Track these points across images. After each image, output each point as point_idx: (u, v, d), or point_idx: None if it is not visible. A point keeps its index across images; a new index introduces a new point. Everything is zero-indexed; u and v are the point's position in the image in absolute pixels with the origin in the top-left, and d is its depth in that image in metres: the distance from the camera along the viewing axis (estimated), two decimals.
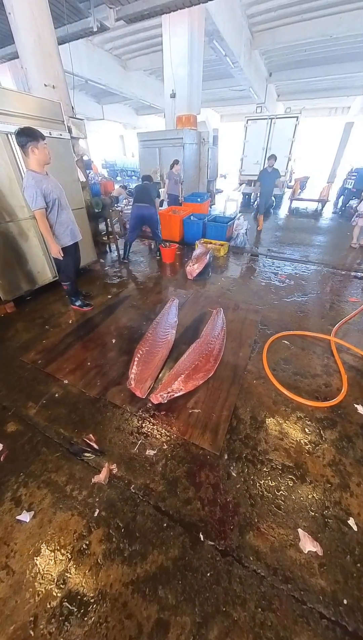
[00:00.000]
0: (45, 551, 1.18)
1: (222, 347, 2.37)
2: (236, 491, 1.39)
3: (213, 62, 9.07)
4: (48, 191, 2.19)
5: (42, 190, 2.14)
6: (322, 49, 8.57)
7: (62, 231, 2.43)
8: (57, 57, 3.58)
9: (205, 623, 0.99)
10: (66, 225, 2.43)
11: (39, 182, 2.13)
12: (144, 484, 1.42)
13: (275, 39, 7.93)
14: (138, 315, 2.95)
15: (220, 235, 5.01)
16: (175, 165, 5.86)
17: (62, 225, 2.41)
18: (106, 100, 14.55)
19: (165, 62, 6.53)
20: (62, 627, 0.99)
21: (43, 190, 2.15)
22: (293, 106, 14.16)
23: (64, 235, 2.45)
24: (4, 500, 1.36)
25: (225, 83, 11.50)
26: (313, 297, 3.36)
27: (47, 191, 2.18)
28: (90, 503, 1.34)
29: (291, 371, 2.18)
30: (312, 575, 1.11)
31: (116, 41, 8.65)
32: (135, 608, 1.03)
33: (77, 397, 1.95)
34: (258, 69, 10.17)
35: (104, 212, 4.38)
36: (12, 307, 3.02)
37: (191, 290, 3.53)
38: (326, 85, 12.60)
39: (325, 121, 19.16)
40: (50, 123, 2.93)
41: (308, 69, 10.55)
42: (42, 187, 2.14)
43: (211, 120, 9.81)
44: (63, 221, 2.40)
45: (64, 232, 2.44)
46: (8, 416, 1.81)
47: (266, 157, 8.15)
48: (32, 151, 2.08)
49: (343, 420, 1.77)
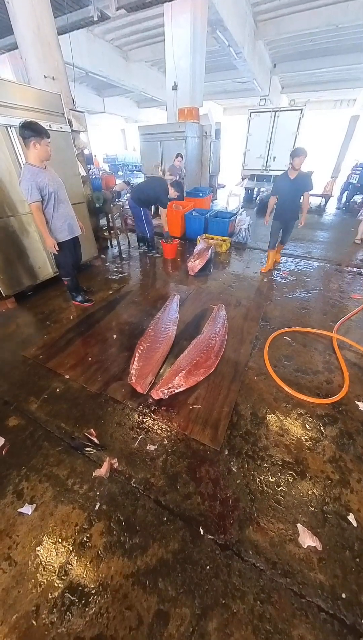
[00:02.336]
0: (46, 543, 1.20)
1: (223, 343, 2.36)
2: (236, 486, 1.39)
3: (215, 53, 8.87)
4: (44, 184, 2.17)
5: (38, 183, 2.13)
6: (328, 39, 8.35)
7: (60, 225, 2.41)
8: (57, 47, 3.51)
9: (204, 615, 1.01)
10: (63, 220, 2.41)
11: (34, 175, 2.12)
12: (144, 479, 1.42)
13: (280, 28, 7.73)
14: (138, 311, 2.94)
15: (222, 231, 4.97)
16: (178, 158, 5.77)
17: (60, 220, 2.39)
18: (107, 93, 14.32)
19: (167, 53, 6.39)
20: (64, 617, 1.00)
21: (38, 183, 2.13)
22: (298, 99, 13.87)
23: (61, 229, 2.43)
24: (6, 494, 1.38)
25: (228, 75, 11.26)
26: (316, 294, 3.33)
27: (43, 184, 2.16)
28: (91, 497, 1.35)
29: (293, 368, 2.17)
30: (311, 570, 1.12)
31: (117, 31, 8.47)
32: (135, 599, 1.04)
33: (78, 392, 1.95)
34: (262, 60, 9.95)
35: (105, 207, 4.35)
36: (13, 302, 3.02)
37: (192, 286, 3.51)
38: (331, 77, 12.31)
39: (329, 114, 18.79)
40: (50, 115, 2.89)
41: (313, 60, 10.30)
42: (38, 181, 2.13)
43: (213, 113, 9.64)
44: (60, 215, 2.38)
45: (61, 227, 2.42)
46: (10, 411, 1.82)
47: (269, 151, 8.05)
48: (34, 146, 2.07)
49: (344, 417, 1.77)
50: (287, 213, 3.45)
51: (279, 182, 3.33)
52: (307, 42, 8.60)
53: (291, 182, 3.21)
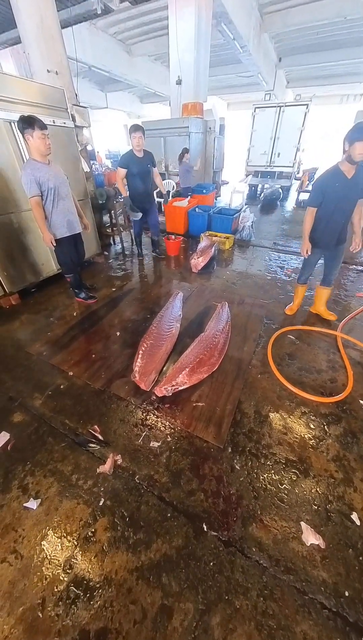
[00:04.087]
0: (52, 537, 1.21)
1: (227, 341, 2.36)
2: (239, 484, 1.40)
3: (220, 47, 8.75)
4: (44, 180, 2.17)
5: (37, 178, 2.13)
6: (335, 31, 8.19)
7: (58, 221, 2.40)
8: (60, 41, 3.48)
9: (208, 610, 1.01)
10: (63, 216, 2.40)
11: (35, 170, 2.13)
12: (148, 475, 1.43)
13: (286, 20, 7.59)
14: (142, 308, 2.94)
15: (226, 228, 4.93)
16: (185, 154, 5.69)
17: (59, 216, 2.38)
18: (110, 88, 14.20)
19: (171, 46, 6.30)
20: (69, 610, 1.02)
21: (38, 178, 2.14)
22: (303, 93, 13.65)
23: (60, 225, 2.42)
24: (11, 488, 1.39)
25: (233, 69, 11.11)
26: None
27: (43, 180, 2.17)
28: (95, 492, 1.36)
29: (297, 366, 2.16)
30: (314, 567, 1.12)
31: (121, 25, 8.36)
32: (139, 594, 1.05)
33: (82, 388, 1.96)
34: (268, 53, 9.79)
35: (108, 203, 4.33)
36: (17, 299, 3.03)
37: (195, 283, 3.50)
38: (338, 71, 12.10)
39: (335, 109, 18.47)
40: (53, 111, 2.87)
41: (319, 54, 10.12)
42: (38, 176, 2.13)
43: (217, 108, 9.49)
44: (60, 211, 2.37)
45: (60, 223, 2.41)
46: (14, 407, 1.83)
47: (274, 148, 7.93)
48: (27, 139, 2.08)
49: (348, 416, 1.76)
50: (334, 233, 2.20)
51: (327, 184, 2.04)
52: (314, 34, 8.44)
53: (349, 184, 1.97)
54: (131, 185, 3.48)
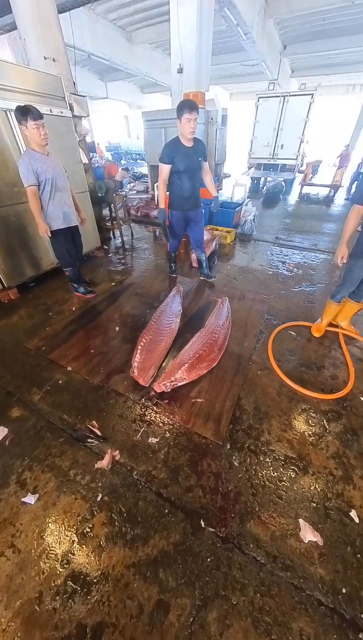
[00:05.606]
0: (49, 532, 1.21)
1: (227, 336, 2.33)
2: (237, 480, 1.39)
3: (223, 34, 8.46)
4: (42, 170, 2.15)
5: (35, 168, 2.11)
6: (342, 17, 7.87)
7: (54, 213, 2.37)
8: (57, 26, 3.36)
9: (205, 605, 1.01)
10: (59, 208, 2.37)
11: (33, 160, 2.11)
12: (146, 471, 1.43)
13: (292, 6, 7.31)
14: (141, 303, 2.91)
15: (227, 222, 4.86)
16: None
17: (55, 207, 2.35)
18: (110, 77, 13.85)
19: (172, 33, 6.10)
20: (66, 604, 1.02)
21: (36, 168, 2.11)
22: (308, 83, 13.29)
23: (56, 217, 2.39)
24: (9, 483, 1.39)
25: (236, 57, 10.77)
26: (322, 288, 3.26)
27: (41, 170, 2.14)
28: (93, 488, 1.36)
29: (297, 362, 2.14)
30: (312, 564, 1.12)
31: (120, 10, 8.09)
32: (136, 589, 1.05)
33: (81, 384, 1.95)
34: (272, 40, 9.48)
35: (107, 196, 4.26)
36: (15, 293, 3.00)
37: (196, 278, 3.46)
38: (344, 59, 11.70)
39: (340, 100, 18.02)
40: (50, 99, 2.79)
41: (325, 41, 9.77)
42: (35, 165, 2.11)
43: (220, 98, 9.26)
44: (56, 203, 2.34)
45: (56, 215, 2.38)
46: (12, 402, 1.82)
47: (277, 139, 7.76)
48: (22, 129, 2.06)
49: (348, 413, 1.75)
50: None
51: None
52: (320, 20, 8.13)
53: None
54: (173, 187, 2.55)
